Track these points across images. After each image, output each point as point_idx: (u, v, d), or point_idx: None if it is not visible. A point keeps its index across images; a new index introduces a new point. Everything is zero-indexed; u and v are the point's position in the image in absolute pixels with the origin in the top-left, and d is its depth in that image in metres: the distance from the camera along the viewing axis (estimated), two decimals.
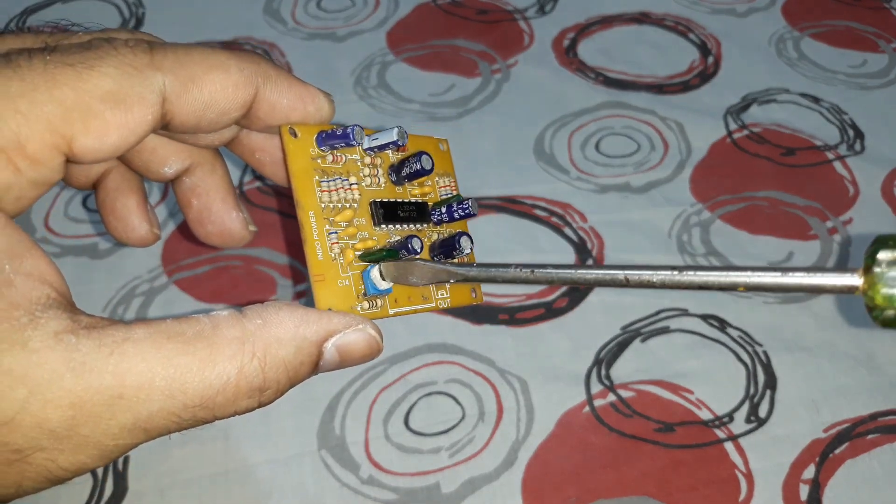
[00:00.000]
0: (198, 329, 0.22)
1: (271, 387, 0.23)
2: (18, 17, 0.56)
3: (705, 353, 0.39)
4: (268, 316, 0.23)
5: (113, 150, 0.22)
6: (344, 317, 0.24)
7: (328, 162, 0.26)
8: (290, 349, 0.23)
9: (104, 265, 0.42)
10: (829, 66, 0.54)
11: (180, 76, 0.23)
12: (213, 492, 0.34)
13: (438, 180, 0.29)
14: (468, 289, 0.29)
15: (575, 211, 0.45)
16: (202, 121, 0.24)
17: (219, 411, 0.22)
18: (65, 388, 0.20)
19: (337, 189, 0.26)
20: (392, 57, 0.54)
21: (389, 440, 0.36)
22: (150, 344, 0.21)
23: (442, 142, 0.30)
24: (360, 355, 0.24)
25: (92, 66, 0.22)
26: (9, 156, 0.21)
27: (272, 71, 0.25)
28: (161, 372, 0.21)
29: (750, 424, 0.36)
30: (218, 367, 0.21)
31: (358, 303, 0.25)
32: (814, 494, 0.34)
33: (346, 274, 0.25)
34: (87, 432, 0.20)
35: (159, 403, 0.21)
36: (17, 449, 0.20)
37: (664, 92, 0.52)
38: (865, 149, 0.48)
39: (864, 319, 0.40)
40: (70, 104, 0.21)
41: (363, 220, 0.26)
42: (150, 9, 0.58)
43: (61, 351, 0.20)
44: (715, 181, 0.47)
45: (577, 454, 0.35)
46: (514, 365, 0.38)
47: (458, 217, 0.28)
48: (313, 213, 0.25)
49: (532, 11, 0.58)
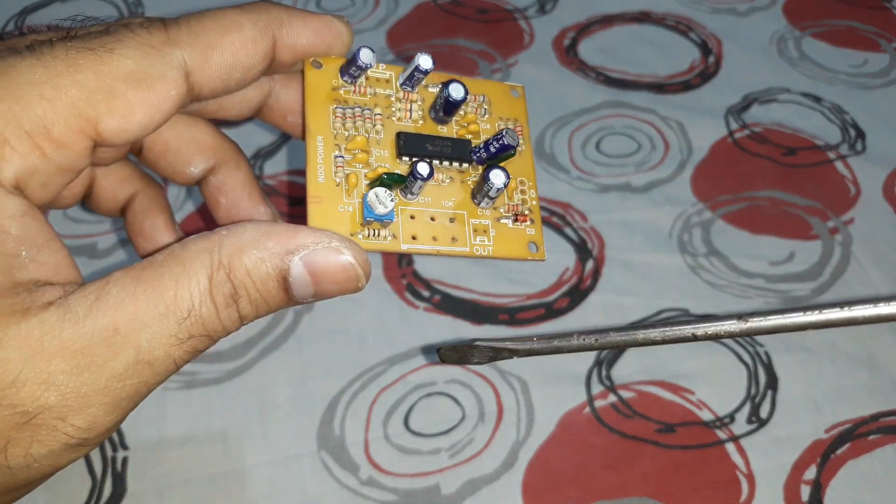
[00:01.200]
0: (168, 252, 0.22)
1: (242, 294, 0.22)
2: (17, 17, 0.56)
3: (706, 354, 0.38)
4: (234, 227, 0.22)
5: (140, 130, 0.23)
6: (314, 232, 0.22)
7: (351, 94, 0.25)
8: (253, 258, 0.22)
9: (104, 265, 0.42)
10: (830, 65, 0.54)
11: (198, 46, 0.23)
12: (212, 493, 0.34)
13: (500, 123, 0.27)
14: (524, 240, 0.25)
15: (575, 211, 0.45)
16: (230, 82, 0.24)
17: (208, 323, 0.22)
18: (63, 339, 0.20)
19: (354, 117, 0.25)
20: (392, 56, 0.54)
21: (389, 441, 0.35)
22: (128, 278, 0.21)
23: (516, 88, 0.28)
24: (335, 279, 0.22)
25: (112, 49, 0.22)
26: (35, 140, 0.21)
27: (284, 14, 0.25)
28: (144, 297, 0.21)
29: (751, 425, 0.36)
30: (192, 278, 0.22)
31: (359, 230, 0.23)
32: (815, 495, 0.34)
33: (351, 200, 0.24)
34: (91, 379, 0.21)
35: (153, 328, 0.21)
36: (25, 410, 0.20)
37: (665, 91, 0.52)
38: (867, 148, 0.48)
39: None
40: (93, 87, 0.22)
41: (385, 153, 0.25)
42: (150, 9, 0.57)
43: (54, 310, 0.21)
44: (716, 181, 0.46)
45: (578, 455, 0.35)
46: (514, 365, 0.38)
47: (494, 151, 0.25)
48: (321, 139, 0.24)
49: (532, 11, 0.58)
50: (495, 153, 0.25)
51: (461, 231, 0.25)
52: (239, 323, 0.23)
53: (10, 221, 0.21)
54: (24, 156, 0.21)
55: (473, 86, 0.27)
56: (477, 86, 0.27)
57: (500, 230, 0.25)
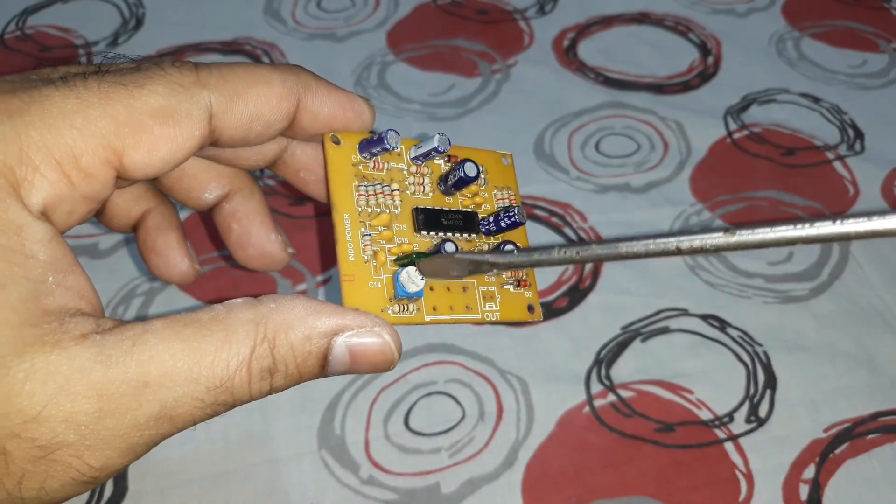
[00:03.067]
0: (213, 314, 0.22)
1: (280, 370, 0.23)
2: (18, 17, 0.56)
3: (705, 353, 0.39)
4: (282, 302, 0.23)
5: (161, 165, 0.23)
6: (360, 315, 0.24)
7: (370, 169, 0.26)
8: (299, 335, 0.23)
9: (104, 265, 0.42)
10: (829, 66, 0.54)
11: (225, 92, 0.24)
12: (213, 492, 0.34)
13: (497, 192, 0.29)
14: (524, 303, 0.28)
15: (575, 211, 0.45)
16: (249, 133, 0.25)
17: (237, 393, 0.22)
18: (92, 381, 0.20)
19: (376, 194, 0.26)
20: (392, 57, 0.54)
21: (389, 440, 0.36)
22: (168, 332, 0.21)
23: (506, 156, 0.30)
24: (372, 361, 0.24)
25: (142, 85, 0.22)
26: (64, 169, 0.21)
27: (312, 81, 0.26)
28: (181, 356, 0.21)
29: (750, 424, 0.36)
30: (233, 348, 0.22)
31: (388, 306, 0.25)
32: (814, 494, 0.34)
33: (379, 277, 0.25)
34: (113, 424, 0.21)
35: (183, 388, 0.21)
36: (44, 445, 0.20)
37: (664, 92, 0.52)
38: (865, 149, 0.48)
39: (864, 319, 0.40)
40: (122, 119, 0.22)
41: (404, 227, 0.26)
42: (150, 9, 0.58)
43: (87, 347, 0.21)
44: (715, 181, 0.47)
45: (577, 454, 0.35)
46: (514, 365, 0.38)
47: (504, 226, 0.27)
48: (348, 216, 0.25)
49: (532, 11, 0.58)
50: (505, 228, 0.27)
51: (473, 299, 0.27)
52: (267, 394, 0.23)
53: (38, 247, 0.21)
54: (53, 183, 0.21)
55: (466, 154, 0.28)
56: (471, 155, 0.28)
57: (504, 295, 0.27)
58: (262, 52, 0.54)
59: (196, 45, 0.54)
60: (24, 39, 0.55)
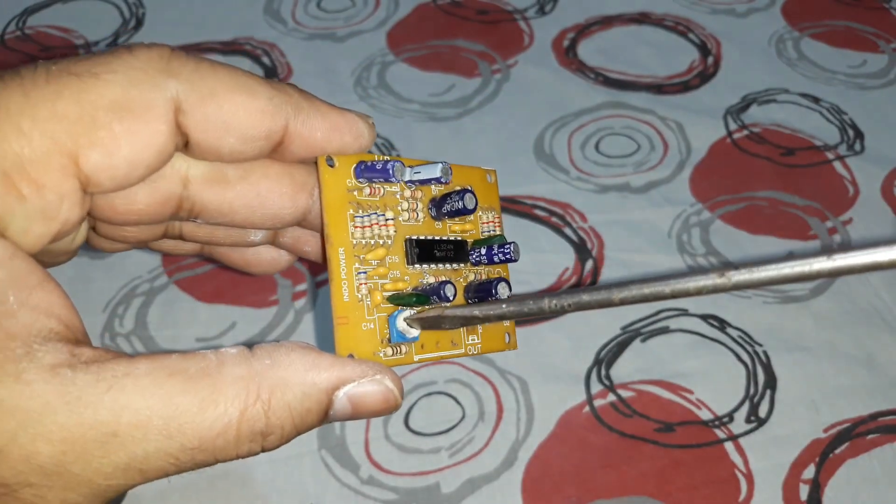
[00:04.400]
0: (202, 366, 0.20)
1: (275, 432, 0.21)
2: (19, 17, 0.56)
3: (705, 353, 0.39)
4: (278, 356, 0.21)
5: (128, 168, 0.21)
6: (360, 365, 0.22)
7: (365, 195, 0.25)
8: (297, 394, 0.21)
9: (104, 265, 0.42)
10: (828, 66, 0.54)
11: (198, 87, 0.21)
12: (212, 493, 0.34)
13: (482, 215, 0.28)
14: (502, 333, 0.28)
15: (575, 211, 0.45)
16: (223, 144, 0.22)
17: (219, 454, 0.21)
18: (57, 423, 0.19)
19: (371, 225, 0.24)
20: (392, 57, 0.54)
21: (389, 440, 0.36)
22: (150, 381, 0.20)
23: (490, 173, 0.28)
24: (375, 408, 0.23)
25: (97, 74, 0.20)
26: (11, 179, 0.19)
27: (304, 102, 0.23)
28: (159, 410, 0.20)
29: (750, 424, 0.36)
30: (220, 407, 0.20)
31: (381, 349, 0.24)
32: (814, 494, 0.34)
33: (372, 317, 0.24)
34: (78, 470, 0.19)
35: (156, 443, 0.20)
36: (4, 483, 0.19)
37: (664, 92, 0.52)
38: (865, 149, 0.48)
39: (864, 319, 0.40)
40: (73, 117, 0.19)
41: (396, 259, 0.25)
42: (150, 9, 0.58)
43: (56, 384, 0.19)
44: (715, 181, 0.47)
45: (577, 454, 0.35)
46: (514, 365, 0.38)
47: (497, 261, 0.27)
48: (343, 251, 0.24)
49: (532, 12, 0.58)
50: (497, 263, 0.27)
51: (458, 333, 0.26)
52: (258, 454, 0.22)
53: None
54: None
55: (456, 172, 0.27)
56: (458, 173, 0.27)
57: (485, 328, 0.27)
58: (263, 52, 0.54)
59: (196, 45, 0.54)
60: (24, 39, 0.55)
